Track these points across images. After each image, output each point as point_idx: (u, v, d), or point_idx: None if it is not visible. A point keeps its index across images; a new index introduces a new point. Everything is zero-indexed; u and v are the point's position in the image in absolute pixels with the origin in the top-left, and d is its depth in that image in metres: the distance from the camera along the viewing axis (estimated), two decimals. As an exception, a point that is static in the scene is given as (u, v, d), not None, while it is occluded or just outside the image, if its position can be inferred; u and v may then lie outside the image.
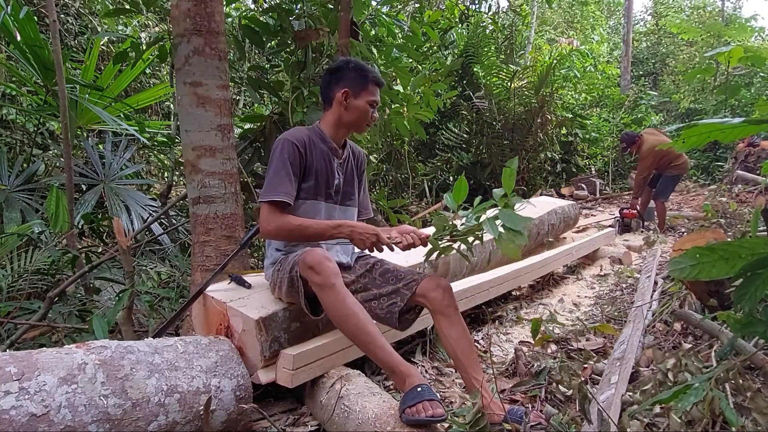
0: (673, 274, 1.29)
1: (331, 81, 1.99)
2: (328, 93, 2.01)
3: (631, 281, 3.86)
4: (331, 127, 2.04)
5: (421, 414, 1.50)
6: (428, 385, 1.60)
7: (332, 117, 2.03)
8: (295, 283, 1.88)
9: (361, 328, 1.72)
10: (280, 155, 1.90)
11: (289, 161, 1.91)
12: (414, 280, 1.96)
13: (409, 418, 1.51)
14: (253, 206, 3.94)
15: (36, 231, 3.47)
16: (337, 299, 1.74)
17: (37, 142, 5.01)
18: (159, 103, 7.14)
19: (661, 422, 1.60)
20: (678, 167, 5.61)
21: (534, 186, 8.38)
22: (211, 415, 1.63)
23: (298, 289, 1.87)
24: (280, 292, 1.99)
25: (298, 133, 1.98)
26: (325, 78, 2.01)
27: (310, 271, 1.77)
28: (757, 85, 9.86)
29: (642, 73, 16.17)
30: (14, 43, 4.04)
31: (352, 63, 2.00)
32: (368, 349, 1.74)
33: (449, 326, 1.87)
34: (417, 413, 1.50)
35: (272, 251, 2.10)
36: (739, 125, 1.21)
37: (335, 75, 1.98)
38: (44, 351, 1.49)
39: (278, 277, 1.98)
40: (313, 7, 3.83)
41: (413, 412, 1.51)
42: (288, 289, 1.92)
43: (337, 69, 1.99)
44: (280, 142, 1.93)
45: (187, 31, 2.41)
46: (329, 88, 2.00)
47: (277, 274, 1.99)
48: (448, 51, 8.88)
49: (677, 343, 2.36)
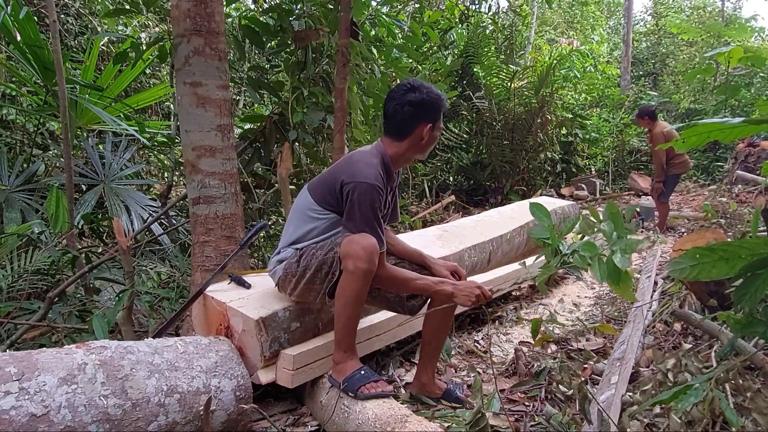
0: (673, 275, 1.29)
1: (414, 115, 1.84)
2: (408, 127, 1.86)
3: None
4: (399, 157, 1.93)
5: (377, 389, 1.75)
6: (369, 368, 1.84)
7: (404, 148, 1.90)
8: (328, 267, 1.85)
9: (356, 313, 1.84)
10: (372, 204, 1.76)
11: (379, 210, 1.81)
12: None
13: (367, 393, 1.73)
14: (253, 206, 3.94)
15: (36, 231, 3.47)
16: (364, 288, 1.78)
17: (37, 142, 5.01)
18: (159, 103, 7.14)
19: (661, 422, 1.60)
20: (678, 166, 5.60)
21: (534, 186, 8.38)
22: (211, 415, 1.63)
23: (330, 273, 1.85)
24: (291, 285, 1.95)
25: (377, 173, 1.81)
26: (406, 111, 1.84)
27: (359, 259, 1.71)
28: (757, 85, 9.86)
29: (642, 74, 16.16)
30: (14, 43, 4.04)
31: (432, 94, 1.87)
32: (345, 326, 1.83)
33: (441, 316, 1.99)
34: (371, 389, 1.75)
35: (287, 250, 2.01)
36: (739, 125, 1.22)
37: (420, 109, 1.84)
38: (44, 351, 1.49)
39: (298, 267, 1.92)
40: (313, 7, 3.83)
41: (368, 388, 1.75)
42: (312, 275, 1.88)
43: (422, 103, 1.84)
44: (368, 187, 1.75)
45: (187, 31, 2.41)
46: (412, 122, 1.85)
47: (295, 266, 1.93)
48: (448, 51, 8.87)
49: (677, 344, 2.36)
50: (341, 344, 1.85)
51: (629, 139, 9.99)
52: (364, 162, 1.83)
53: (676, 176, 5.75)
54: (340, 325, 1.83)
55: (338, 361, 1.85)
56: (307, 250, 1.94)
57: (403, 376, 2.29)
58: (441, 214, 6.62)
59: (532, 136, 8.01)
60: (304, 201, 1.99)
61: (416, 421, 1.59)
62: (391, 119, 1.89)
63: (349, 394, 1.76)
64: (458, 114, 8.52)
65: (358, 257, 1.72)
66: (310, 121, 3.72)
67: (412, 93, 1.84)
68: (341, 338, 1.84)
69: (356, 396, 1.74)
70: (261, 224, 2.34)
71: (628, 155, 10.04)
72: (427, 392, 2.04)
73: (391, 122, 1.89)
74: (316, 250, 1.92)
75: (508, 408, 1.95)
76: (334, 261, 1.85)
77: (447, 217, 6.45)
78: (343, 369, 1.82)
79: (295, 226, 2.00)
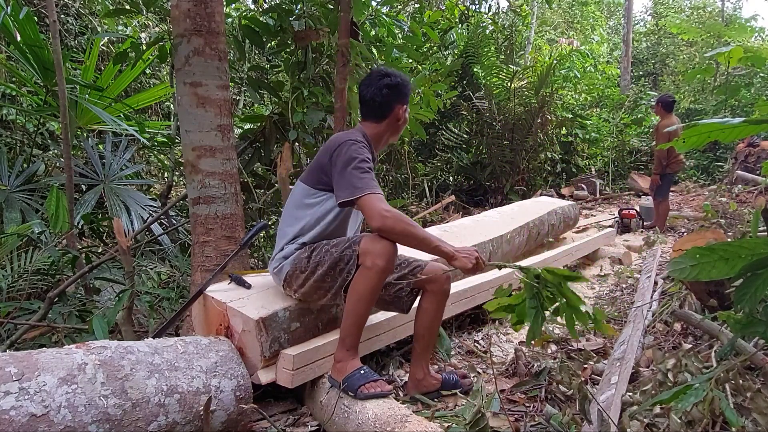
0: (673, 275, 1.29)
1: (392, 96, 2.00)
2: (387, 108, 2.01)
3: (631, 281, 3.86)
4: (379, 138, 2.06)
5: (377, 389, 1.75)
6: (369, 368, 1.85)
7: (382, 129, 2.04)
8: (344, 264, 1.85)
9: (366, 311, 1.86)
10: (360, 152, 1.86)
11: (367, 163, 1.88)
12: (419, 265, 2.05)
13: (366, 393, 1.73)
14: (253, 206, 3.94)
15: (36, 231, 3.47)
16: (378, 286, 1.83)
17: (37, 143, 5.01)
18: (159, 103, 7.14)
19: (661, 422, 1.60)
20: (672, 165, 5.59)
21: (534, 186, 8.37)
22: (211, 415, 1.63)
23: (346, 271, 1.85)
24: (300, 281, 1.94)
25: (362, 139, 1.95)
26: (384, 93, 1.99)
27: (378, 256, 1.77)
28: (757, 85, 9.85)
29: (642, 74, 16.15)
30: (14, 43, 4.04)
31: (403, 78, 2.05)
32: (354, 323, 1.85)
33: (435, 309, 2.03)
34: (371, 389, 1.75)
35: (290, 246, 2.01)
36: (739, 125, 1.21)
37: (396, 90, 2.00)
38: (44, 351, 1.49)
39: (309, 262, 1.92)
40: (313, 7, 3.83)
41: (368, 388, 1.75)
42: (325, 272, 1.87)
43: (397, 85, 2.00)
44: (353, 142, 1.88)
45: (187, 31, 2.41)
46: (389, 104, 2.00)
47: (305, 261, 1.93)
48: (448, 51, 8.87)
49: (677, 344, 2.36)
50: (346, 342, 1.85)
51: (629, 139, 9.99)
52: (346, 134, 1.98)
53: (671, 175, 5.74)
54: (349, 322, 1.84)
55: (339, 359, 1.85)
56: (320, 246, 1.94)
57: (403, 376, 2.28)
58: (441, 214, 6.62)
59: (532, 136, 8.00)
60: (298, 193, 2.05)
61: (416, 421, 1.59)
62: (370, 102, 2.01)
63: (349, 394, 1.77)
64: (458, 114, 8.51)
65: (377, 254, 1.77)
66: (310, 121, 3.72)
67: (387, 78, 2.00)
68: (347, 335, 1.85)
69: (356, 395, 1.75)
70: (261, 224, 2.34)
71: (628, 155, 10.04)
72: (424, 388, 2.05)
73: (370, 106, 2.02)
74: (331, 247, 1.91)
75: (508, 408, 1.94)
76: (351, 258, 1.85)
77: (447, 217, 6.45)
78: (343, 368, 1.82)
79: (293, 220, 2.02)
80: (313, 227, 1.99)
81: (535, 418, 1.86)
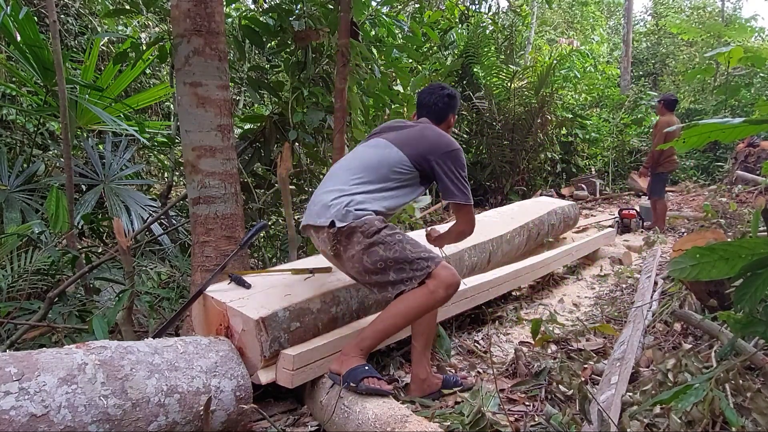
0: (673, 275, 1.29)
1: (449, 105, 2.30)
2: (445, 114, 2.30)
3: (631, 281, 3.86)
4: None
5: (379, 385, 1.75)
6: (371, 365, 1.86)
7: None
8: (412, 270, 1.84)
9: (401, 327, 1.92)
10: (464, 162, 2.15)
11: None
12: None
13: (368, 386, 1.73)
14: (253, 206, 3.94)
15: (36, 231, 3.47)
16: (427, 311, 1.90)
17: (37, 143, 5.01)
18: (159, 103, 7.14)
19: (661, 422, 1.60)
20: (664, 164, 5.58)
21: (534, 186, 8.38)
22: (211, 415, 1.63)
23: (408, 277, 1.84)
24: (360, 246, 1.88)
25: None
26: (445, 101, 2.29)
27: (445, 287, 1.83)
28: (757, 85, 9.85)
29: (642, 74, 16.15)
30: (14, 43, 4.04)
31: (455, 92, 2.36)
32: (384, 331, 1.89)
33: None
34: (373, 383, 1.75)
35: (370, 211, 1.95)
36: (739, 125, 1.22)
37: (454, 101, 2.32)
38: (44, 351, 1.49)
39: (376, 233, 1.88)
40: (313, 7, 3.83)
41: (371, 382, 1.75)
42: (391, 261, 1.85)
43: (455, 96, 2.33)
44: (461, 150, 2.15)
45: (187, 31, 2.40)
46: (447, 111, 2.30)
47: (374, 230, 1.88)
48: (448, 51, 8.87)
49: (677, 344, 2.36)
50: (364, 343, 1.86)
51: (629, 139, 10.00)
52: (450, 138, 2.18)
53: (665, 174, 5.73)
54: (380, 328, 1.86)
55: (347, 353, 1.84)
56: (395, 232, 1.91)
57: (403, 377, 2.28)
58: (441, 214, 6.62)
59: (532, 136, 8.01)
60: (392, 156, 2.07)
61: (416, 421, 1.59)
62: (433, 107, 2.29)
63: (351, 385, 1.75)
64: (458, 114, 8.52)
65: (446, 285, 1.83)
66: (310, 121, 3.72)
67: (446, 90, 2.33)
68: (369, 338, 1.87)
69: (357, 387, 1.73)
70: (261, 224, 2.34)
71: (628, 155, 10.04)
72: (428, 388, 2.04)
73: (432, 110, 2.29)
74: (407, 243, 1.89)
75: (508, 408, 1.94)
76: (421, 270, 1.83)
77: (447, 217, 6.45)
78: (348, 361, 1.81)
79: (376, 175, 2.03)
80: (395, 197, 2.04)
81: (535, 418, 1.86)
